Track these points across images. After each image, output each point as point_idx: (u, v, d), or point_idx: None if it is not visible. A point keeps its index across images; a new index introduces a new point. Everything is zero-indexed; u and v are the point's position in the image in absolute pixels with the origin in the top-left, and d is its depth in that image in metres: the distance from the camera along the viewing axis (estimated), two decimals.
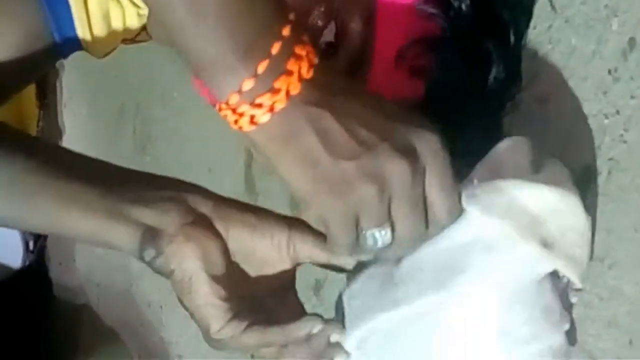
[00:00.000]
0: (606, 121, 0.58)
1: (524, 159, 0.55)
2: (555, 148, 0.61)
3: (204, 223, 0.50)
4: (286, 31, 0.41)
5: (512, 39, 0.59)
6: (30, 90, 1.73)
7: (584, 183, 0.58)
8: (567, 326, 0.53)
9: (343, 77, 0.46)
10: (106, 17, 0.64)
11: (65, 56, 0.67)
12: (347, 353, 0.50)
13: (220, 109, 0.42)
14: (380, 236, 0.46)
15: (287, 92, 0.41)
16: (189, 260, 0.48)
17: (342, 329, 0.50)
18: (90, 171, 0.54)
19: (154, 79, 1.41)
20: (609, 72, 0.57)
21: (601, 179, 0.58)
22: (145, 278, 1.50)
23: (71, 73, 1.79)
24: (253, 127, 0.42)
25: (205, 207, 0.50)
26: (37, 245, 1.78)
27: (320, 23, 0.57)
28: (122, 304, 1.62)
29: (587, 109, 0.59)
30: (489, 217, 0.50)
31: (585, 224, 0.52)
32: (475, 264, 0.50)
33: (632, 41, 0.56)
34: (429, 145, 0.44)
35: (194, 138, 1.29)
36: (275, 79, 0.41)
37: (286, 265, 0.51)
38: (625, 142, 0.56)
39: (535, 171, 0.55)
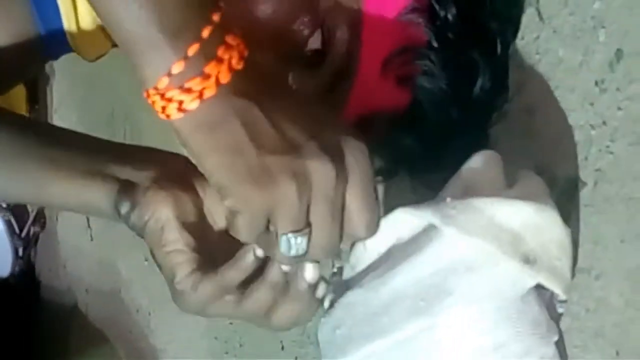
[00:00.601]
0: (593, 132, 0.58)
1: (496, 173, 0.54)
2: (542, 159, 0.61)
3: (179, 178, 0.50)
4: (217, 17, 0.41)
5: (498, 49, 0.59)
6: (21, 96, 1.73)
7: (570, 194, 0.58)
8: (555, 337, 0.53)
9: (273, 74, 0.45)
10: (92, 12, 0.64)
11: (55, 57, 0.67)
12: (313, 273, 0.48)
13: (148, 95, 0.41)
14: (295, 243, 0.44)
15: (217, 80, 0.40)
16: (161, 208, 0.48)
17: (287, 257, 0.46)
18: (73, 139, 0.55)
19: None
20: (596, 83, 0.57)
21: (587, 190, 0.58)
22: (134, 284, 1.49)
23: (61, 79, 1.79)
24: (180, 115, 0.41)
25: (183, 167, 0.51)
26: (26, 252, 1.78)
27: (306, 31, 0.57)
28: (111, 309, 1.61)
29: (573, 119, 0.59)
30: (468, 237, 0.49)
31: (565, 235, 0.52)
32: (459, 286, 0.50)
33: (619, 52, 0.56)
34: (354, 153, 0.44)
35: None
36: (206, 64, 0.40)
37: None
38: (611, 153, 0.56)
39: (509, 185, 0.54)
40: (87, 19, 0.65)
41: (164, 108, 0.41)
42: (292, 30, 0.57)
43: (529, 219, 0.50)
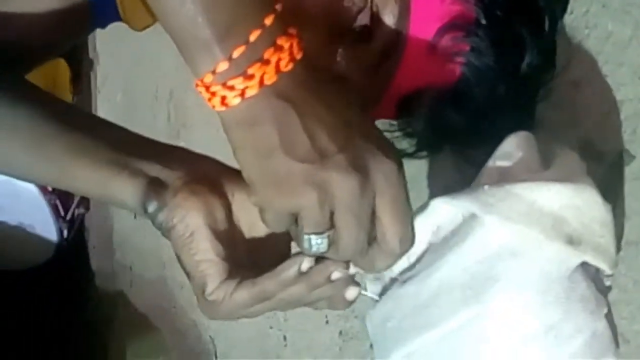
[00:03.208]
0: None
1: (531, 155, 0.54)
2: (589, 132, 0.62)
3: (211, 183, 0.50)
4: (269, 20, 0.41)
5: (546, 25, 0.58)
6: (65, 76, 1.76)
7: (620, 167, 0.59)
8: (605, 310, 0.54)
9: (324, 78, 0.44)
10: None
11: (103, 25, 0.68)
12: (358, 285, 0.49)
13: (196, 85, 0.42)
14: (315, 243, 0.45)
15: (261, 80, 0.41)
16: (192, 214, 0.48)
17: (339, 263, 0.47)
18: (102, 128, 0.55)
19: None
20: None
21: (637, 163, 0.58)
22: (176, 262, 1.52)
23: (105, 59, 1.81)
24: (223, 108, 0.42)
25: (214, 171, 0.51)
26: (70, 234, 1.80)
27: (355, 7, 0.57)
28: (155, 287, 1.64)
29: (622, 93, 0.59)
30: (511, 224, 0.50)
31: (606, 212, 0.52)
32: (505, 272, 0.51)
33: None
34: (384, 171, 0.44)
35: None
36: (250, 65, 0.41)
37: (287, 238, 0.50)
38: None
39: (545, 166, 0.54)
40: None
41: (209, 99, 0.42)
42: (341, 6, 0.57)
43: (569, 200, 0.51)
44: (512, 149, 0.55)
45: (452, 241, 0.52)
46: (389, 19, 0.57)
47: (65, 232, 1.78)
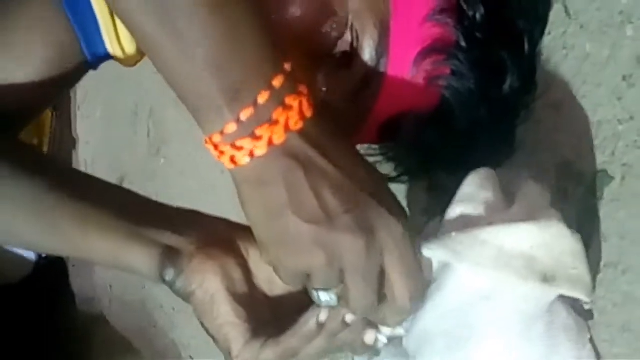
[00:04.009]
0: (620, 127, 0.58)
1: (493, 194, 0.54)
2: (568, 154, 0.62)
3: (224, 244, 0.50)
4: (277, 81, 0.41)
5: (527, 48, 0.58)
6: None
7: (598, 189, 0.59)
8: (588, 335, 0.54)
9: (332, 132, 0.45)
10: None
11: (95, 68, 0.68)
12: (375, 328, 0.49)
13: (205, 142, 0.43)
14: (325, 298, 0.46)
15: (270, 140, 0.41)
16: (210, 278, 0.49)
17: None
18: (107, 194, 0.55)
19: None
20: (624, 78, 0.58)
21: (615, 185, 0.58)
22: (157, 282, 1.51)
23: (85, 75, 1.80)
24: (233, 166, 0.42)
25: (225, 231, 0.51)
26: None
27: (335, 33, 0.57)
28: (134, 307, 1.62)
29: (601, 114, 0.59)
30: (483, 270, 0.50)
31: (575, 243, 0.52)
32: (483, 317, 0.51)
33: None
34: (390, 229, 0.44)
35: None
36: (258, 127, 0.41)
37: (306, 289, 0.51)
38: (639, 147, 0.56)
39: (509, 202, 0.54)
40: (129, 42, 0.65)
41: (218, 157, 0.42)
42: (321, 32, 0.57)
43: (537, 238, 0.50)
44: (473, 189, 0.54)
45: (431, 288, 0.52)
46: (369, 44, 0.57)
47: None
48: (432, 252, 0.51)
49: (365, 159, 0.47)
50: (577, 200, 0.60)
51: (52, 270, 1.81)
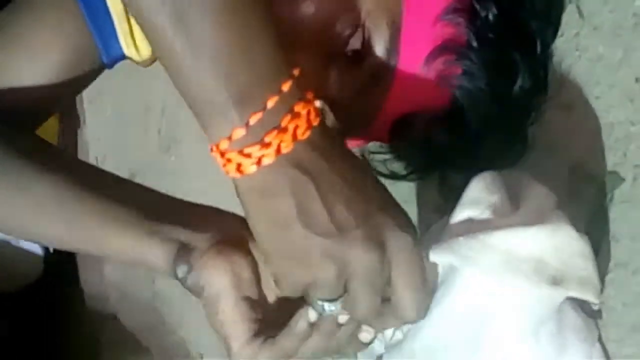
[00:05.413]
0: (632, 128, 0.58)
1: (499, 198, 0.54)
2: (580, 155, 0.62)
3: (236, 242, 0.50)
4: (286, 87, 0.41)
5: (539, 48, 0.58)
6: None
7: (609, 190, 0.59)
8: (597, 334, 0.54)
9: (339, 143, 0.45)
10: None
11: (110, 67, 0.68)
12: (369, 332, 0.49)
13: (211, 150, 0.42)
14: (329, 308, 0.46)
15: (278, 148, 0.41)
16: (219, 275, 0.49)
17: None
18: (123, 189, 0.55)
19: None
20: (636, 80, 0.58)
21: (626, 186, 0.58)
22: (165, 277, 1.51)
23: None
24: (238, 175, 0.42)
25: (239, 228, 0.50)
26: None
27: (347, 31, 0.57)
28: (143, 304, 1.62)
29: (613, 116, 0.59)
30: (492, 275, 0.50)
31: (584, 245, 0.52)
32: (495, 322, 0.51)
33: None
34: (400, 244, 0.44)
35: None
36: (267, 133, 0.40)
37: None
38: None
39: (515, 206, 0.54)
40: (145, 49, 0.66)
41: (224, 165, 0.42)
42: (333, 30, 0.57)
43: (545, 242, 0.51)
44: (479, 193, 0.54)
45: (436, 295, 0.52)
46: (380, 42, 0.57)
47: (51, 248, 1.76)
48: (440, 257, 0.51)
49: (371, 171, 0.47)
50: (588, 202, 0.60)
51: (62, 268, 1.82)
